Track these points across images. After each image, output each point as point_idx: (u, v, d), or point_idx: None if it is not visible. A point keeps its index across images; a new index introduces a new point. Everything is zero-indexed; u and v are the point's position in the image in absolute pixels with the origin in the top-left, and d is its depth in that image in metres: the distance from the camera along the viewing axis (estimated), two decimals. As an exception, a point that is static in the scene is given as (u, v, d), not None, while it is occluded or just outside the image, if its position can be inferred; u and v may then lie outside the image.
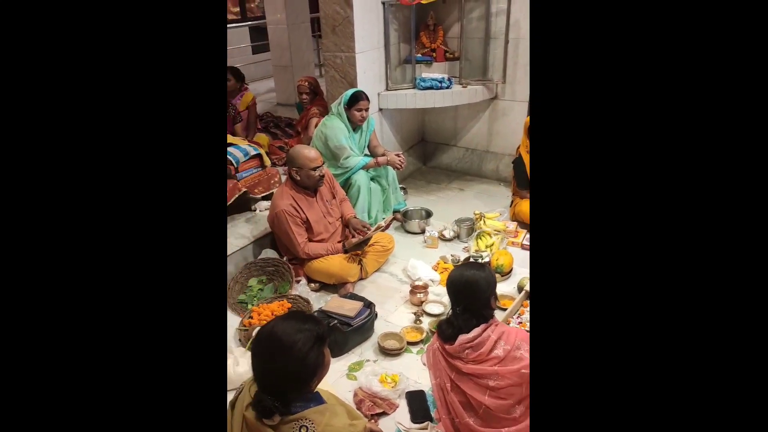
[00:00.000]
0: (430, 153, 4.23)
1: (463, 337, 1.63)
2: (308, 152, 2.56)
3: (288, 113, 4.94)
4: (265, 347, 1.20)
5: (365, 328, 2.25)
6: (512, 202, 3.31)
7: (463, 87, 3.44)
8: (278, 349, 1.18)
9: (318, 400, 1.25)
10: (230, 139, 3.28)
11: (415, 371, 2.07)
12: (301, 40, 5.35)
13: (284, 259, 2.71)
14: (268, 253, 2.78)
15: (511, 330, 1.66)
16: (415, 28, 3.44)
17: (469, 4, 3.36)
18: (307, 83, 3.89)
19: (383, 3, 3.21)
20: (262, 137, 4.02)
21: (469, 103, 3.57)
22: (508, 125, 3.68)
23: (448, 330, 1.68)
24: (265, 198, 3.14)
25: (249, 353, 2.08)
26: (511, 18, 3.30)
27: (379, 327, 2.33)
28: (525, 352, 1.58)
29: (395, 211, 3.31)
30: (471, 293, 1.64)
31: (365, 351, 2.22)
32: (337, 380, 2.04)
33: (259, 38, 6.82)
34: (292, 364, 1.17)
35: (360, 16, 3.04)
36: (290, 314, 1.35)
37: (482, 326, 1.61)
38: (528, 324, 2.25)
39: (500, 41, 3.40)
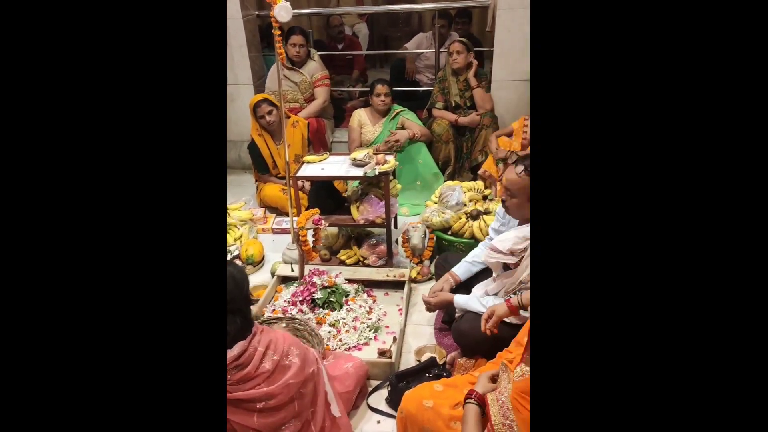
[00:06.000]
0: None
1: (227, 354, 1.30)
2: None
3: None
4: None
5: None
6: (257, 187, 3.24)
7: (178, 75, 3.16)
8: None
9: None
10: None
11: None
12: None
13: None
14: None
15: (277, 336, 1.42)
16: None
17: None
18: None
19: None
20: None
21: (191, 91, 3.32)
22: (238, 111, 3.54)
23: None
24: None
25: None
26: None
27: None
28: (294, 357, 1.39)
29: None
30: (231, 288, 1.34)
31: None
32: None
33: None
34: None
35: None
36: None
37: (248, 338, 1.35)
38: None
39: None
